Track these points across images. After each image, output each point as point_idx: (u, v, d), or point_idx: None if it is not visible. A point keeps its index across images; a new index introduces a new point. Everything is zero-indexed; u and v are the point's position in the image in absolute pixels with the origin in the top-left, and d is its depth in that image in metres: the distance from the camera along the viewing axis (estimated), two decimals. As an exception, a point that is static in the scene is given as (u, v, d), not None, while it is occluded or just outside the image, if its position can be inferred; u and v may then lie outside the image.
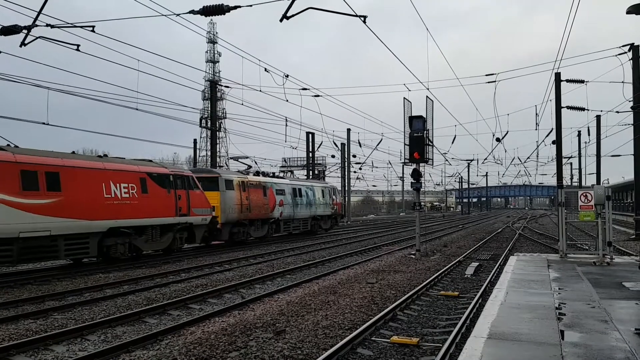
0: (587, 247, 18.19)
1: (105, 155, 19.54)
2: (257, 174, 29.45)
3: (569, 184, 60.39)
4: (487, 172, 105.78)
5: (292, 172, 55.58)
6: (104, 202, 16.57)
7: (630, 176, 30.00)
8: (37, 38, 14.09)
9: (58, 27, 14.23)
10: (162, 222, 19.28)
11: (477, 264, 17.42)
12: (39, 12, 13.40)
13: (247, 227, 25.87)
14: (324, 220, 36.44)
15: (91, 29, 13.96)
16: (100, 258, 17.55)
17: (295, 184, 32.83)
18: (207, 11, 11.64)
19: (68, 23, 14.26)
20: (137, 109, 21.57)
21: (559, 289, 10.25)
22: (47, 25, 14.06)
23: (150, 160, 20.98)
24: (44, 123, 19.05)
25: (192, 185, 21.10)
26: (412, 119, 19.66)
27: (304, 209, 32.70)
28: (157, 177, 19.15)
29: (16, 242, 13.84)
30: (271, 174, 33.04)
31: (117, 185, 17.17)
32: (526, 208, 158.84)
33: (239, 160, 33.36)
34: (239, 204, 24.87)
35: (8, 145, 14.81)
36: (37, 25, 13.69)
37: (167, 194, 19.44)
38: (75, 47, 14.94)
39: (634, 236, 26.30)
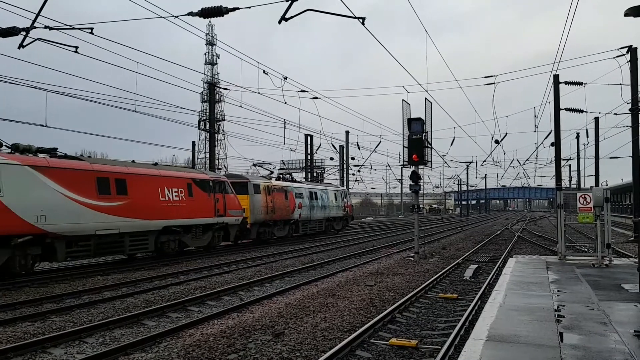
0: (586, 249, 18.17)
1: (156, 164, 21.80)
2: (278, 178, 32.14)
3: (568, 185, 60.41)
4: (485, 174, 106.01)
5: (290, 174, 55.54)
6: (159, 205, 19.09)
7: (628, 178, 30.01)
8: (35, 40, 14.06)
9: (56, 29, 14.21)
10: (204, 222, 21.80)
11: (476, 266, 17.42)
12: (38, 14, 13.39)
13: (272, 227, 28.55)
14: (337, 222, 38.89)
15: (89, 31, 13.94)
16: (155, 253, 19.93)
17: (312, 187, 35.32)
18: (205, 13, 11.63)
19: (66, 25, 14.25)
20: (135, 111, 21.58)
21: (558, 291, 10.24)
22: (46, 27, 14.04)
23: (192, 167, 24.13)
24: (42, 125, 19.04)
25: (227, 189, 23.68)
26: (410, 121, 19.67)
27: (319, 211, 35.26)
28: (199, 183, 21.71)
29: (93, 238, 16.38)
30: (290, 178, 34.76)
31: (170, 189, 19.78)
32: (525, 210, 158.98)
33: (263, 166, 35.31)
34: (265, 206, 27.40)
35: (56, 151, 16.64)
36: (35, 27, 13.67)
37: (207, 197, 22.01)
38: (74, 49, 14.93)
39: (632, 238, 26.32)
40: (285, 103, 24.06)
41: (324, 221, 36.22)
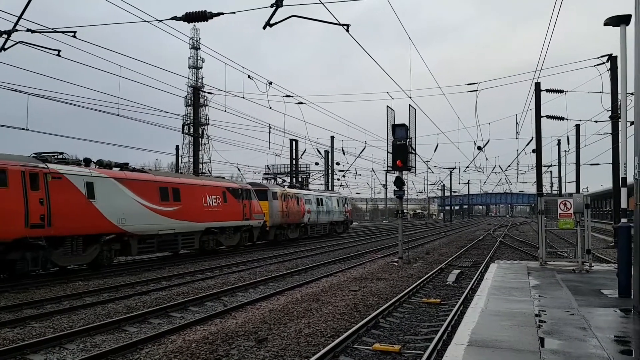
0: (566, 255, 18.41)
1: (203, 174, 28.03)
2: (290, 186, 36.65)
3: (549, 192, 61.15)
4: (469, 180, 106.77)
5: (275, 179, 55.47)
6: (203, 210, 22.97)
7: (609, 184, 30.49)
8: (17, 43, 13.91)
9: (39, 32, 14.08)
10: (235, 224, 25.80)
11: (459, 271, 17.54)
12: (20, 17, 13.25)
13: (286, 229, 32.65)
14: (338, 225, 43.18)
15: (72, 34, 13.83)
16: (198, 251, 23.65)
17: (319, 195, 39.63)
18: (189, 18, 11.60)
19: (49, 28, 14.11)
20: (118, 115, 21.37)
21: (539, 296, 10.36)
22: (28, 30, 13.91)
23: (224, 177, 29.50)
24: (23, 129, 18.80)
25: (252, 196, 27.61)
26: (395, 127, 19.78)
27: (325, 215, 39.53)
28: (232, 190, 25.72)
29: (156, 237, 20.08)
30: (298, 186, 39.48)
31: (210, 197, 23.62)
32: (507, 215, 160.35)
33: (278, 178, 41.21)
34: (282, 211, 31.33)
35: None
36: (17, 30, 13.53)
37: (237, 203, 25.93)
38: (56, 52, 14.79)
39: (612, 244, 26.69)
40: (270, 108, 24.06)
41: (328, 225, 40.48)
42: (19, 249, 14.78)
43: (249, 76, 20.75)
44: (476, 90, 23.43)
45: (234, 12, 12.01)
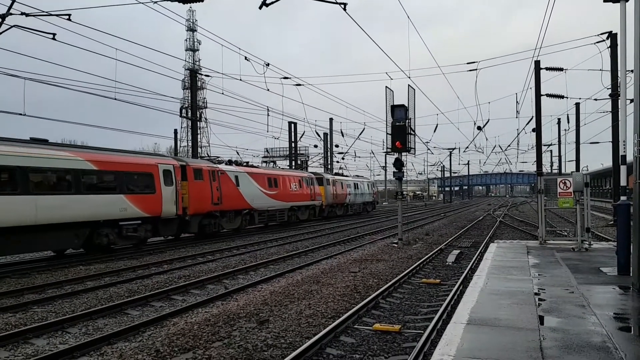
0: (566, 234, 18.48)
1: (277, 165, 40.72)
2: (337, 174, 47.69)
3: (549, 171, 61.12)
4: (468, 161, 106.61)
5: (274, 162, 55.42)
6: (289, 193, 32.78)
7: (609, 163, 30.42)
8: (12, 27, 13.79)
9: (33, 16, 13.94)
10: (306, 204, 35.75)
11: (458, 251, 17.61)
12: (14, 0, 13.10)
13: (335, 208, 42.44)
14: (369, 205, 51.99)
15: (67, 17, 13.69)
16: (285, 222, 32.86)
17: (355, 180, 48.49)
18: (185, -1, 11.48)
19: (43, 11, 13.97)
20: (115, 99, 21.27)
21: (538, 274, 10.40)
22: (22, 13, 13.76)
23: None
24: (20, 114, 18.71)
25: (315, 182, 37.63)
26: (394, 107, 19.65)
27: (360, 197, 48.42)
28: (304, 179, 35.82)
29: (266, 212, 29.62)
30: (341, 173, 50.81)
31: (292, 184, 33.48)
32: (507, 196, 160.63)
33: (342, 173, 50.90)
34: (333, 194, 41.09)
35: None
36: (11, 14, 13.40)
37: (307, 188, 35.86)
38: (51, 36, 14.65)
39: (612, 222, 26.77)
40: (268, 90, 23.99)
41: (362, 204, 49.43)
42: (207, 218, 23.95)
43: (245, 58, 20.62)
44: (476, 70, 23.29)
45: (229, -7, 11.87)
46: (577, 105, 37.38)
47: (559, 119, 46.70)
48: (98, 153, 18.26)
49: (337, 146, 55.66)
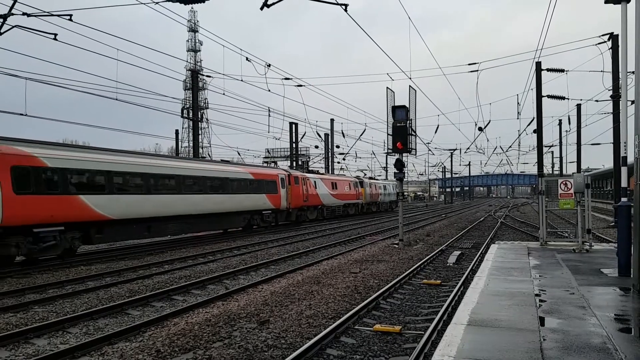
0: (567, 235, 18.44)
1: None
2: (370, 178, 56.64)
3: (550, 172, 61.07)
4: (469, 162, 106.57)
5: (275, 162, 55.42)
6: (344, 193, 42.74)
7: (610, 164, 30.39)
8: (13, 27, 13.81)
9: (35, 16, 13.95)
10: (354, 202, 45.73)
11: (459, 252, 17.60)
12: (15, 0, 13.12)
13: (371, 205, 52.49)
14: (393, 203, 59.99)
15: (69, 17, 13.71)
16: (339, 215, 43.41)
17: (384, 183, 58.97)
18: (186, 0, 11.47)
19: (45, 11, 13.98)
20: (116, 99, 21.28)
21: (539, 276, 10.40)
22: (24, 13, 13.78)
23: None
24: (21, 114, 18.73)
25: (359, 184, 47.37)
26: (395, 108, 19.65)
27: (387, 197, 57.69)
28: (353, 182, 45.67)
29: (329, 208, 40.07)
30: (374, 177, 62.13)
31: (345, 186, 43.31)
32: (508, 197, 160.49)
33: (375, 178, 60.39)
34: (370, 193, 51.14)
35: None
36: (13, 14, 13.42)
37: (355, 188, 45.85)
38: (53, 36, 14.67)
39: (612, 223, 26.74)
40: (269, 91, 23.97)
41: (388, 203, 58.72)
42: (300, 210, 33.98)
43: (247, 58, 20.62)
44: (477, 71, 23.28)
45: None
46: (579, 106, 37.34)
47: (560, 120, 46.69)
48: (251, 167, 29.98)
49: (338, 147, 55.68)
